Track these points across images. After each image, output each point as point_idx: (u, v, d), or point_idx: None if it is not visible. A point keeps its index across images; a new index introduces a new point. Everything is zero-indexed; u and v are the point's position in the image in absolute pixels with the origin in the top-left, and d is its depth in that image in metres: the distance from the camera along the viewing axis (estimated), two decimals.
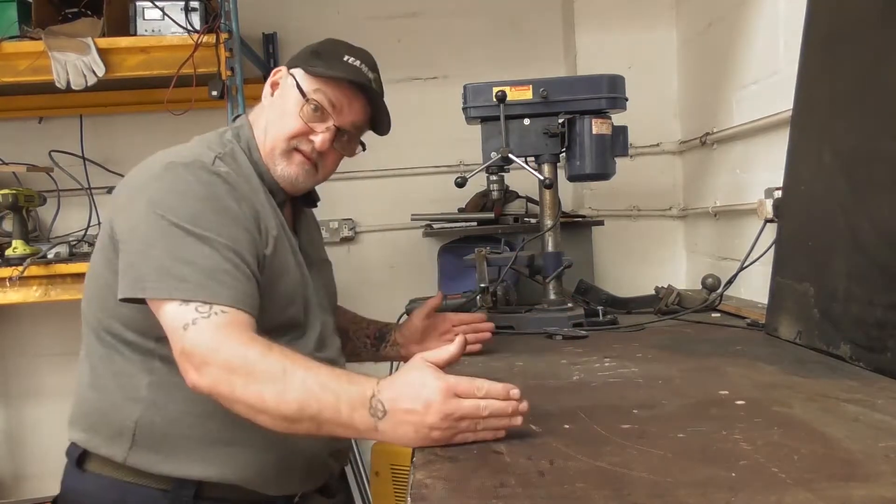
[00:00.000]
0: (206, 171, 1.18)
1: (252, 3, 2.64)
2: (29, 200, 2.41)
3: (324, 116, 1.30)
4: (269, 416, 1.00)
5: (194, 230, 1.11)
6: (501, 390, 0.93)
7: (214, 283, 1.08)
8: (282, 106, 1.32)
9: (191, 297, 1.06)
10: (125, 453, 1.21)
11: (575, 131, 1.81)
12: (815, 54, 1.48)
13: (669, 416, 1.03)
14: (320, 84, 1.30)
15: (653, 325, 1.79)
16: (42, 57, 2.26)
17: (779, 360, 1.32)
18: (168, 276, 1.08)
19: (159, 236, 1.11)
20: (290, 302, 1.26)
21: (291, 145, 1.30)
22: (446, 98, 2.06)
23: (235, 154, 1.29)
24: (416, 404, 0.92)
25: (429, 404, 0.91)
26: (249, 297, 1.11)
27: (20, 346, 2.96)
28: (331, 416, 0.96)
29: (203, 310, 1.06)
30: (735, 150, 2.17)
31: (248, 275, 1.14)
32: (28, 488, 2.98)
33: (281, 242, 1.26)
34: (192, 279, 1.07)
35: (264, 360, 1.01)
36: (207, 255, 1.10)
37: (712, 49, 2.33)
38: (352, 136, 1.36)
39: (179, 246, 1.10)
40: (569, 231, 2.23)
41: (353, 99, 1.32)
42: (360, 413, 0.95)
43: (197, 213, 1.13)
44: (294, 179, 1.31)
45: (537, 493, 0.76)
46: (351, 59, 1.31)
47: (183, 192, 1.15)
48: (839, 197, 1.33)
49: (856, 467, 0.80)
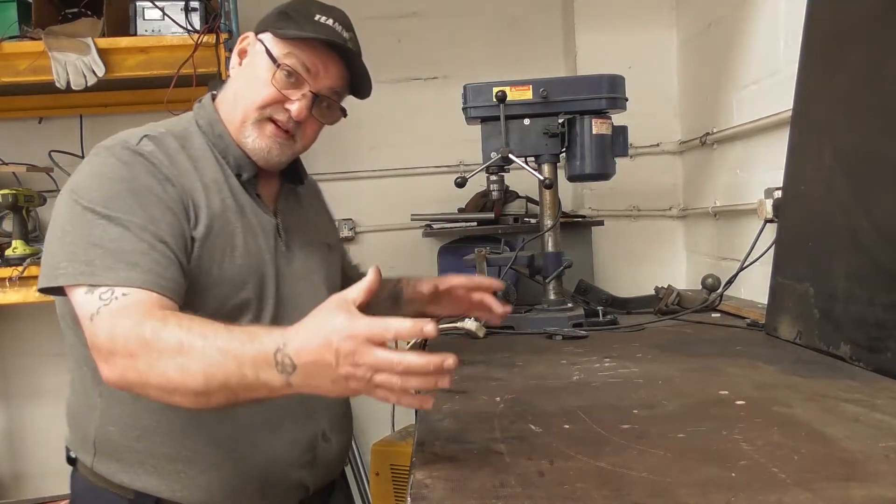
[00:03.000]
0: (128, 151, 1.11)
1: (252, 3, 2.63)
2: (29, 200, 2.41)
3: (298, 82, 1.19)
4: (180, 394, 0.92)
5: (106, 212, 1.04)
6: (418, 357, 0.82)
7: (122, 266, 1.01)
8: (251, 74, 1.21)
9: (97, 282, 1.00)
10: (91, 459, 1.19)
11: (575, 131, 1.81)
12: (815, 54, 1.48)
13: (669, 416, 1.03)
14: (291, 47, 1.19)
15: (653, 325, 1.79)
16: (42, 57, 2.26)
17: (779, 360, 1.32)
18: (76, 260, 1.02)
19: (73, 222, 1.05)
20: (240, 285, 1.16)
21: (265, 115, 1.20)
22: (446, 98, 2.06)
23: (187, 133, 1.21)
24: (325, 354, 0.83)
25: (338, 352, 0.82)
26: (163, 279, 1.03)
27: (20, 346, 2.96)
28: (239, 382, 0.88)
29: (106, 296, 0.99)
30: (735, 150, 2.17)
31: (167, 254, 1.06)
32: (28, 488, 2.98)
33: (226, 222, 1.16)
34: (99, 262, 1.01)
35: (160, 337, 0.92)
36: (118, 237, 1.03)
37: (712, 49, 2.33)
38: (331, 103, 1.25)
39: (91, 230, 1.04)
40: (569, 231, 2.23)
41: (329, 61, 1.21)
42: (268, 372, 0.86)
43: (111, 195, 1.06)
44: (266, 152, 1.21)
45: (537, 493, 0.76)
46: (323, 19, 1.20)
47: (100, 174, 1.09)
48: (839, 197, 1.33)
49: (856, 467, 0.79)
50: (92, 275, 1.00)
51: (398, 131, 2.84)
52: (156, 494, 1.14)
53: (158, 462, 1.14)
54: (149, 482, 1.14)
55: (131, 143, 1.13)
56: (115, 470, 1.16)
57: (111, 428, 1.16)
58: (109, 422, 1.16)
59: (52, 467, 2.99)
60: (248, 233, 1.20)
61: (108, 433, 1.16)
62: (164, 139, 1.17)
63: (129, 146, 1.12)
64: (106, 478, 1.17)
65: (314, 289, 1.29)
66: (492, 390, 1.22)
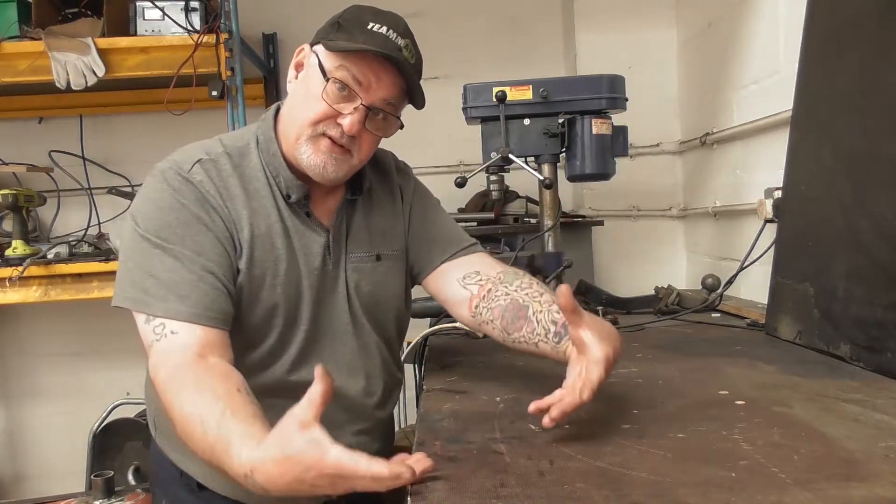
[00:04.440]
0: (180, 178, 1.15)
1: (252, 3, 2.64)
2: (29, 200, 2.41)
3: (350, 96, 1.15)
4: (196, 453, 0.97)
5: (160, 242, 1.10)
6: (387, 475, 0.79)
7: (173, 297, 1.07)
8: (305, 89, 1.19)
9: (152, 313, 1.07)
10: (155, 433, 1.33)
11: (575, 131, 1.81)
12: (815, 54, 1.48)
13: (669, 416, 1.03)
14: (342, 60, 1.15)
15: (653, 325, 1.79)
16: (42, 57, 2.26)
17: (779, 360, 1.32)
18: (136, 287, 1.09)
19: (133, 248, 1.12)
20: (273, 311, 1.19)
21: (318, 131, 1.17)
22: (446, 98, 2.06)
23: (246, 151, 1.22)
24: (297, 487, 0.82)
25: (313, 486, 0.81)
26: (211, 311, 1.08)
27: (20, 346, 2.96)
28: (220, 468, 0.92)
29: (158, 331, 1.06)
30: (735, 150, 2.17)
31: (216, 286, 1.11)
32: (28, 488, 2.99)
33: (270, 248, 1.18)
34: (154, 292, 1.08)
35: (173, 403, 0.99)
36: (171, 268, 1.09)
37: (712, 49, 2.33)
38: (387, 114, 1.20)
39: (147, 259, 1.10)
40: (569, 231, 2.23)
41: (382, 72, 1.16)
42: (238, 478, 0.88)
43: (163, 225, 1.11)
44: (322, 168, 1.17)
45: (537, 493, 0.76)
46: (376, 27, 1.15)
47: (154, 200, 1.14)
48: (839, 197, 1.33)
49: (856, 467, 0.80)
50: (147, 305, 1.08)
51: (398, 131, 2.84)
52: (194, 477, 1.25)
53: None
54: (189, 466, 1.25)
55: (184, 170, 1.16)
56: (167, 448, 1.29)
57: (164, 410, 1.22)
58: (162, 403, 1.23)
59: (52, 467, 2.99)
60: (290, 258, 1.21)
61: (163, 416, 1.21)
62: (218, 162, 1.19)
63: (181, 173, 1.15)
64: (163, 452, 1.31)
65: (353, 306, 1.28)
66: (492, 390, 1.22)
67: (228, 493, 1.24)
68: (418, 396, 1.51)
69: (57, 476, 2.89)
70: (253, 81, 2.71)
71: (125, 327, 1.16)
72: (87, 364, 2.91)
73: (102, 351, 2.89)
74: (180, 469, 1.27)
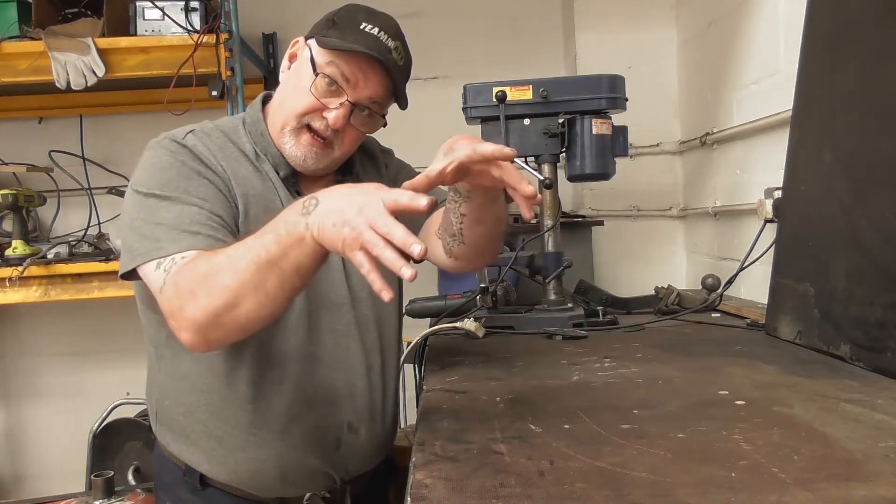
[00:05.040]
0: (175, 143, 1.20)
1: (252, 3, 2.64)
2: (29, 200, 2.42)
3: (338, 91, 1.21)
4: (245, 300, 0.97)
5: (164, 194, 1.13)
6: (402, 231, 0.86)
7: (185, 236, 1.08)
8: (296, 80, 1.24)
9: (165, 254, 1.07)
10: (156, 427, 1.34)
11: (575, 131, 1.81)
12: (815, 54, 1.48)
13: (669, 416, 1.03)
14: (333, 56, 1.20)
15: (653, 325, 1.79)
16: (42, 57, 2.27)
17: (779, 360, 1.32)
18: (146, 239, 1.10)
19: (137, 209, 1.14)
20: None
21: (303, 122, 1.23)
22: (446, 98, 2.06)
23: (235, 130, 1.27)
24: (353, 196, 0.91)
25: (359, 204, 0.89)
26: (222, 243, 1.09)
27: (20, 346, 2.96)
28: (277, 249, 0.94)
29: (168, 267, 1.06)
30: (735, 150, 2.17)
31: (224, 225, 1.14)
32: (28, 488, 2.99)
33: (268, 202, 1.22)
34: (165, 236, 1.08)
35: (210, 262, 1.00)
36: (179, 213, 1.11)
37: (712, 49, 2.33)
38: (372, 111, 1.25)
39: (154, 212, 1.12)
40: (569, 231, 2.23)
41: (370, 71, 1.21)
42: (292, 217, 0.94)
43: (166, 181, 1.14)
44: (302, 160, 1.24)
45: (537, 493, 0.76)
46: (368, 27, 1.21)
47: (152, 165, 1.17)
48: (839, 197, 1.33)
49: (856, 467, 0.79)
50: (159, 249, 1.07)
51: (397, 131, 2.84)
52: (198, 469, 1.27)
53: (199, 438, 1.26)
54: (192, 456, 1.27)
55: (178, 137, 1.21)
56: (169, 440, 1.31)
57: (166, 402, 1.29)
58: (165, 396, 1.29)
59: (52, 467, 3.00)
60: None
61: (165, 406, 1.30)
62: (210, 133, 1.25)
63: (175, 139, 1.20)
64: (164, 446, 1.32)
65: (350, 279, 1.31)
66: (492, 390, 1.21)
67: (233, 481, 1.26)
68: (418, 396, 1.51)
69: (57, 476, 2.89)
70: (253, 81, 2.71)
71: (125, 327, 1.17)
72: (87, 364, 2.91)
73: (102, 351, 2.89)
74: (183, 467, 1.28)
